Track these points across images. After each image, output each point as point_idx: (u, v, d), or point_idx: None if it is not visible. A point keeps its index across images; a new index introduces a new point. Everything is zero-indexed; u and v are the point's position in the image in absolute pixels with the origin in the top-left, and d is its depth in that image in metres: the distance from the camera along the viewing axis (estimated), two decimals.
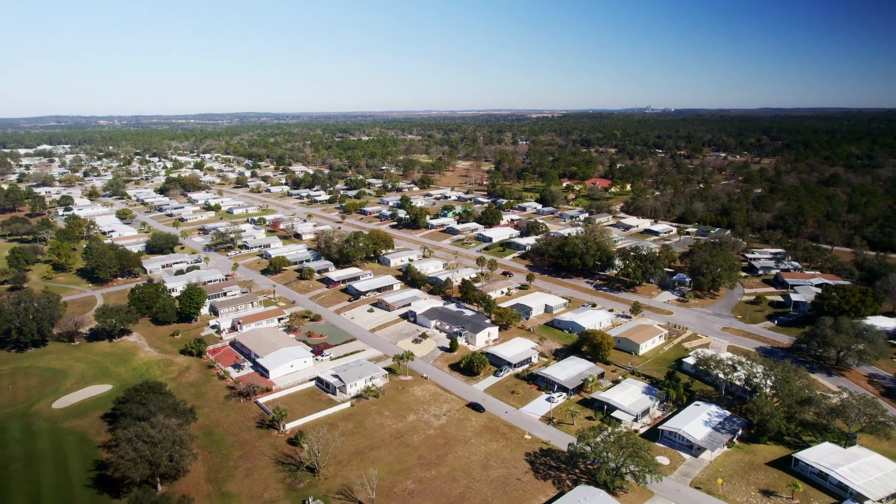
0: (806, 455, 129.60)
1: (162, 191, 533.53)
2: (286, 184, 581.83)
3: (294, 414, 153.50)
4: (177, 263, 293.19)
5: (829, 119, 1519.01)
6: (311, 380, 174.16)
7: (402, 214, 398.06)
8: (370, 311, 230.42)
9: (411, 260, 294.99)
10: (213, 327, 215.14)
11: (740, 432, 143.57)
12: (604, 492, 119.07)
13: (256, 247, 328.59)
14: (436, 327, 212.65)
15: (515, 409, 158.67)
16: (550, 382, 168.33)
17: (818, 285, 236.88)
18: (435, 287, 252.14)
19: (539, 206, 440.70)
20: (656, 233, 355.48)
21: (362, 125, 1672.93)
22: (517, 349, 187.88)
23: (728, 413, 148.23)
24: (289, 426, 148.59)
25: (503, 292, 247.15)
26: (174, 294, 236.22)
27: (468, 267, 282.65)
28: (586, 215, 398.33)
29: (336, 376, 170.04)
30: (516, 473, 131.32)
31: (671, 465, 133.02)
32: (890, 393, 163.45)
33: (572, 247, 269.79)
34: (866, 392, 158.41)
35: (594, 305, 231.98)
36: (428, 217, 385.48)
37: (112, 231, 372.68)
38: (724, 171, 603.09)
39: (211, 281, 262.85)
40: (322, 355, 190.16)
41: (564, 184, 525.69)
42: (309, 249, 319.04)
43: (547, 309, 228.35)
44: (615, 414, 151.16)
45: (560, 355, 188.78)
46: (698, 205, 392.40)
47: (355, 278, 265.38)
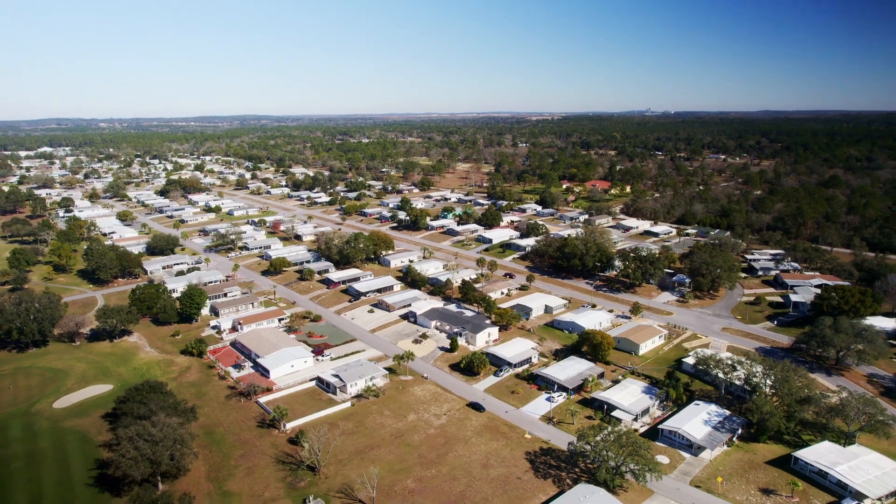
0: (805, 454, 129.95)
1: (162, 193, 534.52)
2: (286, 186, 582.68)
3: (294, 413, 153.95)
4: (177, 264, 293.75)
5: (829, 121, 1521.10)
6: (312, 380, 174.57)
7: (403, 216, 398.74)
8: (370, 312, 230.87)
9: (411, 261, 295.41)
10: (214, 328, 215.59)
11: (740, 431, 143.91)
12: (604, 490, 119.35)
13: (257, 248, 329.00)
14: (436, 328, 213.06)
15: (515, 409, 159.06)
16: (550, 382, 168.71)
17: (817, 286, 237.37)
18: (435, 288, 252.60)
19: (539, 208, 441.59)
20: (656, 234, 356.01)
21: (362, 127, 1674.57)
22: (517, 349, 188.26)
23: (728, 412, 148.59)
24: (289, 425, 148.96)
25: (503, 293, 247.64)
26: (175, 295, 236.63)
27: (468, 268, 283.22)
28: (586, 217, 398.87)
29: (336, 376, 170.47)
30: (516, 472, 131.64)
31: (671, 464, 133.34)
32: (889, 392, 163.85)
33: (572, 248, 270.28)
34: (865, 391, 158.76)
35: (594, 306, 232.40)
36: (428, 218, 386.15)
37: (112, 232, 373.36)
38: (724, 173, 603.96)
39: (211, 282, 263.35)
40: (322, 355, 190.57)
41: (564, 186, 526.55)
42: (309, 251, 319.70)
43: (547, 309, 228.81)
44: (615, 413, 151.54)
45: (560, 355, 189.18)
46: (698, 206, 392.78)
47: (356, 279, 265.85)
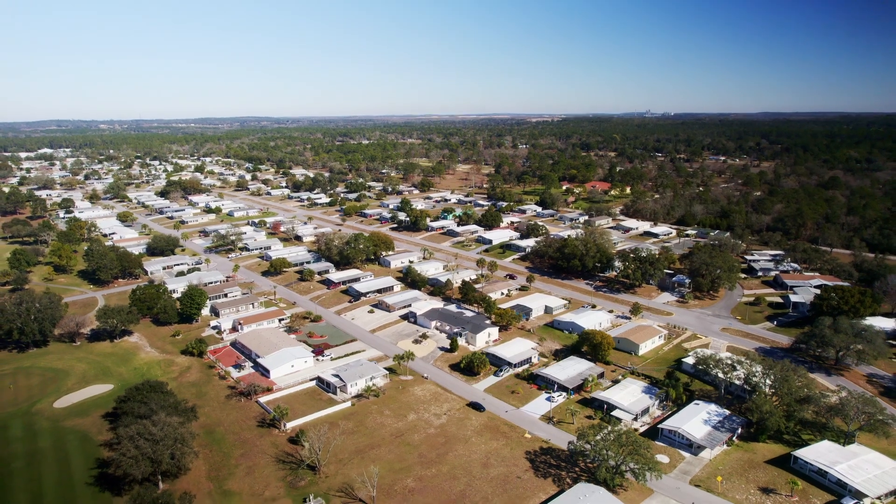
0: (805, 453, 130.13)
1: (163, 194, 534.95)
2: (287, 187, 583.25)
3: (295, 413, 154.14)
4: (177, 265, 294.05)
5: (829, 123, 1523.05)
6: (312, 379, 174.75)
7: (403, 217, 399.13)
8: (370, 312, 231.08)
9: (412, 262, 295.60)
10: (214, 328, 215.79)
11: (740, 431, 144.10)
12: (604, 489, 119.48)
13: (257, 249, 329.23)
14: (436, 328, 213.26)
15: (515, 409, 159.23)
16: (550, 382, 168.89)
17: (817, 286, 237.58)
18: (435, 288, 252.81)
19: (539, 209, 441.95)
20: (656, 235, 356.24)
21: (362, 129, 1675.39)
22: (517, 349, 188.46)
23: (727, 412, 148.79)
24: (289, 425, 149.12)
25: (503, 293, 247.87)
26: (175, 295, 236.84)
27: (468, 269, 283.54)
28: (586, 218, 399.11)
29: (337, 376, 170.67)
30: (516, 472, 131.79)
31: (671, 464, 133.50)
32: (889, 392, 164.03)
33: (572, 248, 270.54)
34: (865, 391, 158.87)
35: (594, 306, 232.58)
36: (428, 219, 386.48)
37: (113, 233, 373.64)
38: (724, 175, 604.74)
39: (212, 282, 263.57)
40: (323, 355, 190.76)
41: (564, 187, 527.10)
42: (309, 251, 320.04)
43: (547, 310, 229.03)
44: (615, 413, 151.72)
45: (560, 355, 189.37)
46: (698, 207, 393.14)
47: (356, 280, 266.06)
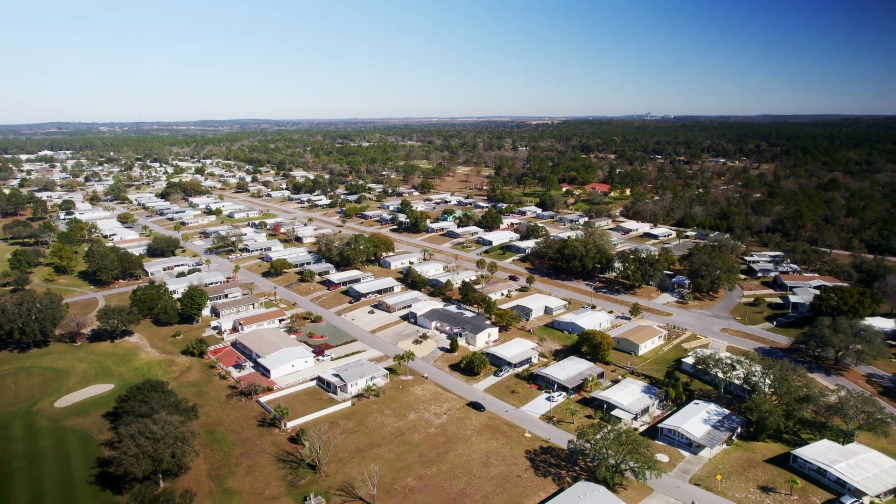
0: (804, 452, 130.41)
1: (163, 195, 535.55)
2: (287, 188, 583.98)
3: (295, 412, 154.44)
4: (178, 266, 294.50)
5: (828, 125, 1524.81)
6: (312, 379, 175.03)
7: (403, 218, 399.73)
8: (371, 313, 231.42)
9: (412, 263, 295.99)
10: (215, 328, 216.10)
11: (739, 430, 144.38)
12: (603, 488, 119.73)
13: (257, 250, 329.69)
14: (436, 328, 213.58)
15: (515, 408, 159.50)
16: (550, 382, 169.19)
17: (816, 287, 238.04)
18: (435, 289, 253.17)
19: (539, 211, 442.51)
20: (655, 236, 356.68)
21: (362, 131, 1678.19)
22: (517, 349, 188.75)
23: (727, 411, 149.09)
24: (290, 424, 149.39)
25: (503, 294, 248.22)
26: (176, 296, 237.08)
27: (468, 269, 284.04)
28: (586, 219, 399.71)
29: (337, 376, 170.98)
30: (516, 470, 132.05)
31: (670, 463, 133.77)
32: (888, 392, 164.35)
33: (572, 249, 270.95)
34: (864, 390, 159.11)
35: (594, 307, 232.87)
36: (428, 221, 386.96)
37: (113, 234, 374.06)
38: (724, 177, 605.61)
39: (212, 283, 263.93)
40: (323, 356, 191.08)
41: (564, 188, 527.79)
42: (310, 252, 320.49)
43: (547, 310, 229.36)
44: (615, 412, 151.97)
45: (560, 356, 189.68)
46: (697, 209, 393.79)
47: (356, 280, 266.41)
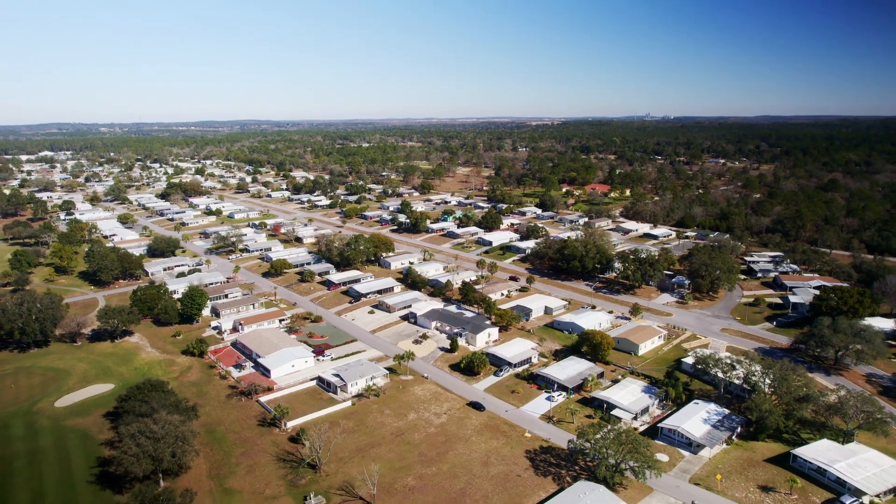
0: (804, 451, 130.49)
1: (163, 196, 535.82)
2: (287, 189, 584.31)
3: (295, 412, 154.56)
4: (178, 266, 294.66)
5: (828, 126, 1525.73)
6: (313, 379, 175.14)
7: (403, 219, 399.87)
8: (371, 313, 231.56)
9: (412, 263, 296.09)
10: (215, 328, 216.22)
11: (739, 430, 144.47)
12: (603, 487, 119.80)
13: (258, 250, 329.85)
14: (436, 328, 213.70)
15: (515, 408, 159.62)
16: (550, 382, 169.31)
17: (816, 287, 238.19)
18: (435, 289, 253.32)
19: (539, 211, 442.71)
20: (655, 237, 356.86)
21: (363, 132, 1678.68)
22: (517, 349, 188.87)
23: (727, 411, 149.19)
24: (290, 424, 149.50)
25: (503, 294, 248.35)
26: (176, 296, 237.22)
27: (468, 270, 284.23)
28: (586, 220, 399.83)
29: (337, 375, 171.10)
30: (516, 470, 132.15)
31: (670, 462, 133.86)
32: (888, 391, 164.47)
33: (572, 250, 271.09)
34: (864, 390, 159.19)
35: (594, 307, 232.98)
36: (428, 221, 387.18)
37: (114, 235, 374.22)
38: (723, 177, 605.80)
39: (212, 283, 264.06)
40: (323, 355, 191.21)
41: (564, 189, 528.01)
42: (310, 253, 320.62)
43: (547, 310, 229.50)
44: (615, 412, 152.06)
45: (560, 355, 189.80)
46: (697, 209, 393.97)
47: (356, 281, 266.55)
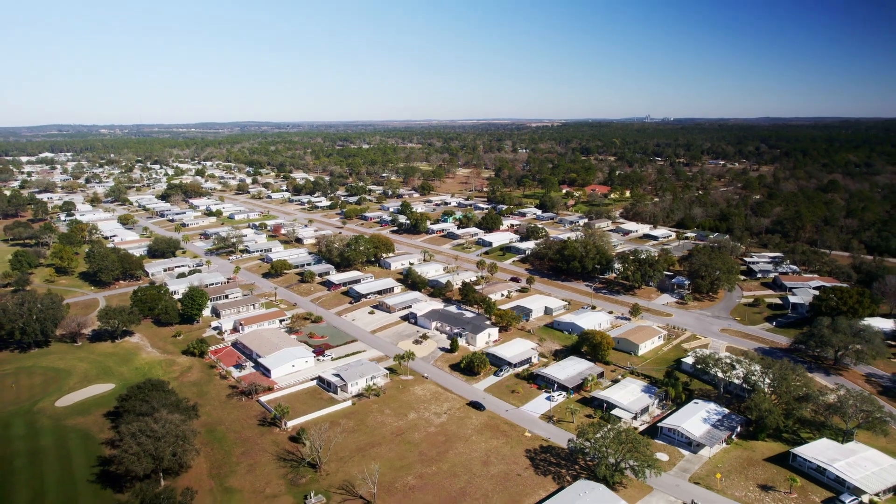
0: (804, 450, 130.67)
1: (163, 197, 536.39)
2: (287, 190, 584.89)
3: (296, 412, 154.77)
4: (178, 267, 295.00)
5: (828, 128, 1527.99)
6: (313, 379, 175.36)
7: (403, 220, 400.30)
8: (371, 313, 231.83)
9: (412, 263, 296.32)
10: (215, 329, 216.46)
11: (739, 429, 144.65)
12: (603, 486, 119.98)
13: (258, 251, 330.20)
14: (436, 328, 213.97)
15: (515, 408, 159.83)
16: (550, 382, 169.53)
17: (816, 288, 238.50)
18: (435, 290, 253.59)
19: (539, 212, 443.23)
20: (655, 237, 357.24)
21: (363, 134, 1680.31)
22: (517, 350, 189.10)
23: (727, 411, 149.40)
24: (290, 424, 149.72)
25: (503, 295, 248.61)
26: (176, 296, 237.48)
27: (468, 270, 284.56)
28: (586, 220, 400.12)
29: (337, 375, 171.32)
30: (517, 469, 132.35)
31: (670, 461, 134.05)
32: (887, 391, 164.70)
33: (572, 250, 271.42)
34: (863, 390, 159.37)
35: (594, 307, 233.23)
36: (428, 222, 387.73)
37: (114, 235, 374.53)
38: (723, 179, 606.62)
39: (213, 284, 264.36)
40: (323, 356, 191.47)
41: (564, 190, 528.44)
42: (310, 253, 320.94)
43: (547, 311, 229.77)
44: (614, 412, 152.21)
45: (560, 356, 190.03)
46: (697, 210, 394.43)
47: (356, 281, 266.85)
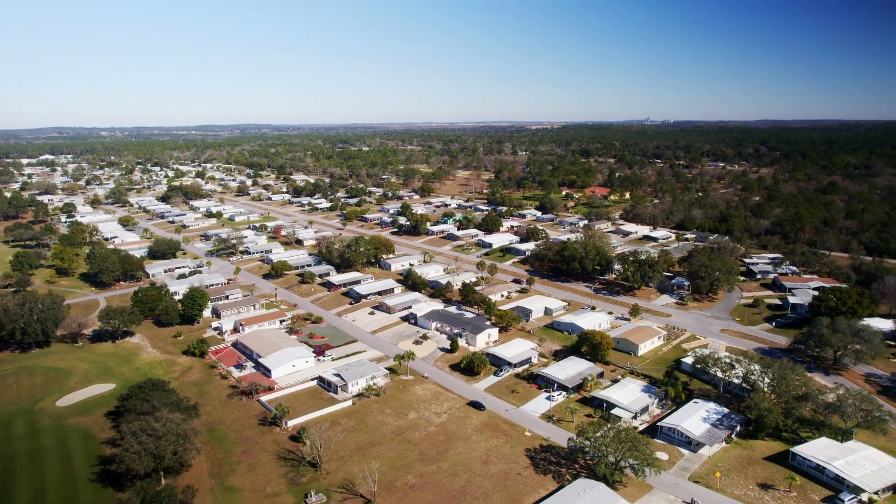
0: (803, 449, 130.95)
1: (164, 199, 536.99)
2: (287, 192, 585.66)
3: (296, 411, 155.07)
4: (179, 268, 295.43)
5: (827, 130, 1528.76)
6: (313, 379, 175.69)
7: (403, 221, 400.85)
8: (371, 314, 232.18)
9: (412, 264, 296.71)
10: (216, 329, 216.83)
11: (738, 428, 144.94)
12: (603, 484, 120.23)
13: (258, 252, 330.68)
14: (436, 329, 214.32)
15: (515, 408, 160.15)
16: (550, 381, 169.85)
17: (815, 288, 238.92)
18: (436, 290, 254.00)
19: (539, 214, 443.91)
20: (655, 239, 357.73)
21: (363, 136, 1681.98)
22: (517, 350, 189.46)
23: (726, 410, 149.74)
24: (291, 423, 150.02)
25: (503, 295, 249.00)
26: (177, 297, 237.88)
27: (468, 271, 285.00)
28: (585, 222, 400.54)
29: (338, 375, 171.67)
30: (516, 468, 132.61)
31: (670, 460, 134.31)
32: (887, 391, 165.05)
33: (572, 251, 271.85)
34: (862, 389, 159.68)
35: (593, 308, 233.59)
36: (428, 224, 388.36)
37: (114, 237, 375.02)
38: (723, 180, 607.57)
39: (213, 284, 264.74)
40: (324, 356, 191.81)
41: (564, 192, 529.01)
42: (310, 254, 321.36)
43: (547, 311, 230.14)
44: (614, 411, 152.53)
45: (560, 356, 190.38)
46: (697, 212, 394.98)
47: (356, 282, 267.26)
